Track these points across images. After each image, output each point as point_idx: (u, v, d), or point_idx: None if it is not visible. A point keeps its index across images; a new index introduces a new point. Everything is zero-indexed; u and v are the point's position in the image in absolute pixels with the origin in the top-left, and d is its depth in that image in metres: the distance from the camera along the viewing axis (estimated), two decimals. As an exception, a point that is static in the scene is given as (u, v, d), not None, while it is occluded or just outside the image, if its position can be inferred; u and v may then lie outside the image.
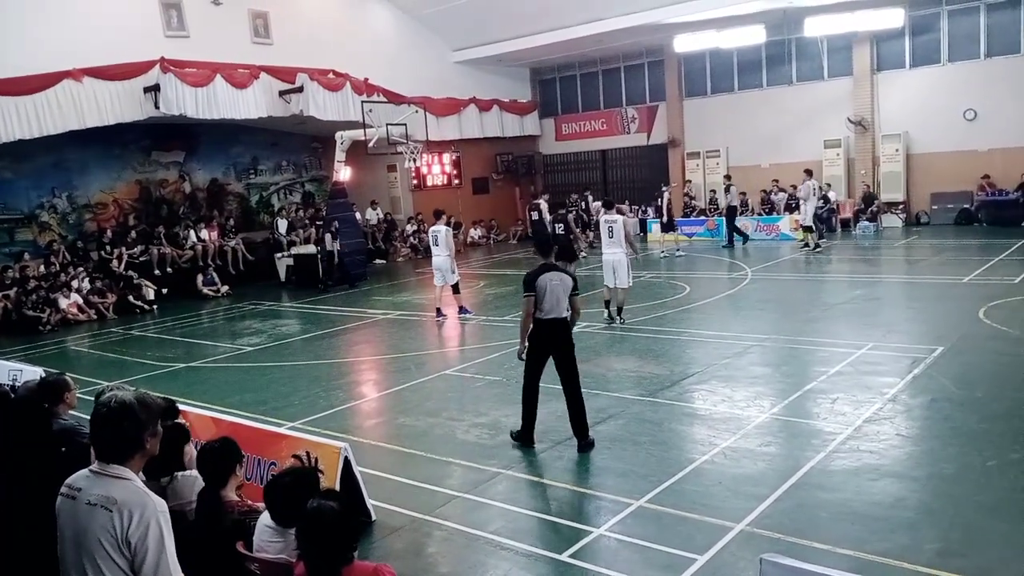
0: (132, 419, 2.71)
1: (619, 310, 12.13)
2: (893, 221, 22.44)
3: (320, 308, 16.09)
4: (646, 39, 24.70)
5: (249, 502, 4.23)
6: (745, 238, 21.39)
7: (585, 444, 6.92)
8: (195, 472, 4.34)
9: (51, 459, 4.45)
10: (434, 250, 13.91)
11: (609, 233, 12.14)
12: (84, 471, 2.78)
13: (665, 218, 20.99)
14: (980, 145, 21.28)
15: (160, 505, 2.69)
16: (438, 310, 13.69)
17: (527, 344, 7.10)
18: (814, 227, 19.16)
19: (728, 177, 22.63)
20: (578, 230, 21.77)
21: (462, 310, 13.85)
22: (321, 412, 8.68)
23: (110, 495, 2.65)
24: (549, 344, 7.02)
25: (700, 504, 5.63)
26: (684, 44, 23.63)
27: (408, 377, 10.00)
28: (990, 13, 20.94)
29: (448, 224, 14.83)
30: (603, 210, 13.37)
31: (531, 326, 7.01)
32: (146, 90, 17.59)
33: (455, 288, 13.86)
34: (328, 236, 19.40)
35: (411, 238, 24.81)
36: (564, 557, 5.06)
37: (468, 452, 7.10)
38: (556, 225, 15.88)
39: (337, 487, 5.33)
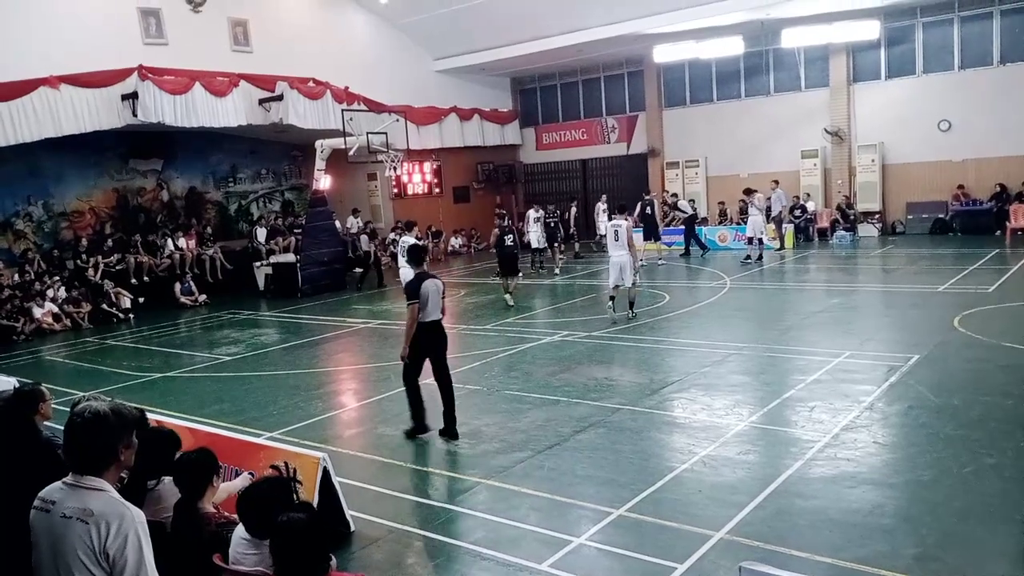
0: (106, 430, 2.67)
1: (631, 304, 12.97)
2: (869, 231, 22.69)
3: (299, 317, 16.00)
4: (626, 49, 24.88)
5: (226, 514, 4.19)
6: (692, 251, 21.59)
7: (450, 434, 7.58)
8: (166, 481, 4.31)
9: (36, 469, 4.40)
10: (400, 261, 13.26)
11: (615, 236, 12.84)
12: (58, 483, 2.74)
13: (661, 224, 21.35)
14: (954, 155, 21.59)
15: (138, 516, 2.66)
16: None
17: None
18: (758, 242, 19.04)
19: (675, 195, 23.46)
20: (554, 244, 20.69)
21: None
22: (300, 422, 8.62)
23: (86, 507, 2.61)
24: (429, 343, 7.65)
25: (680, 512, 5.65)
26: (663, 54, 23.81)
27: (388, 387, 9.94)
28: (964, 25, 21.28)
29: (419, 236, 14.42)
30: (615, 215, 13.93)
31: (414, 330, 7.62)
32: (124, 97, 17.46)
33: None
34: (365, 237, 19.30)
35: (392, 247, 24.71)
36: (544, 567, 5.05)
37: (448, 462, 7.08)
38: (506, 237, 15.57)
39: (316, 498, 5.30)
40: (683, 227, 22.28)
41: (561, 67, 27.57)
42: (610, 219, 14.47)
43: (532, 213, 20.54)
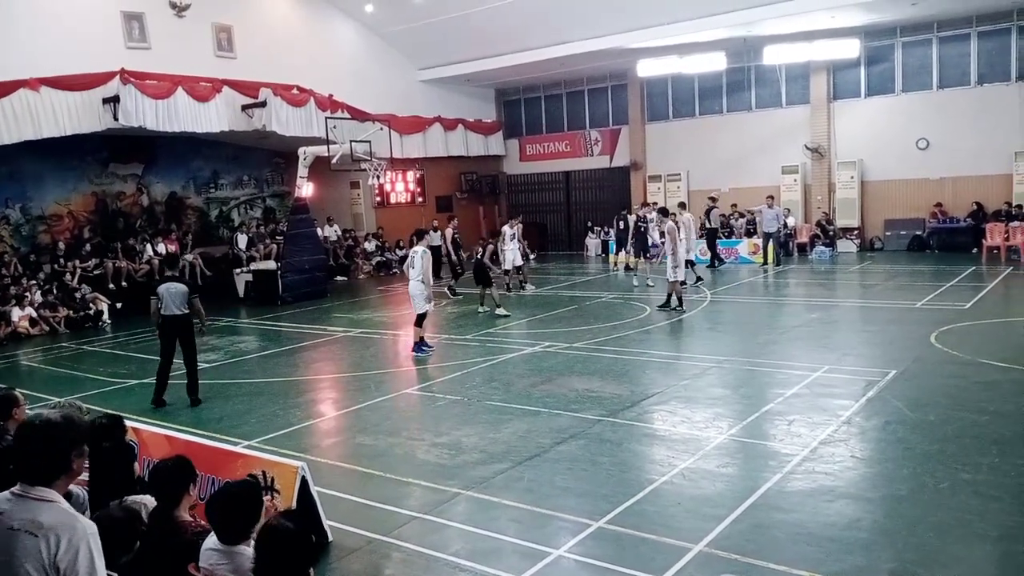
0: (57, 439, 2.61)
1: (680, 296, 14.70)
2: (848, 246, 22.93)
3: (279, 325, 15.90)
4: (610, 63, 25.04)
5: (202, 522, 4.13)
6: (720, 262, 21.35)
7: (195, 401, 9.78)
8: (145, 497, 4.24)
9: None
10: (410, 273, 12.32)
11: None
12: (5, 493, 2.67)
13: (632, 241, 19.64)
14: (932, 173, 21.90)
15: (90, 528, 2.59)
16: (422, 340, 12.36)
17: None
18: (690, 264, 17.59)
19: (713, 199, 22.05)
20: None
21: (419, 344, 12.27)
22: (278, 431, 8.55)
23: (36, 519, 2.54)
24: (173, 332, 9.76)
25: (659, 525, 5.65)
26: (647, 69, 23.98)
27: (368, 396, 9.91)
28: (942, 46, 21.63)
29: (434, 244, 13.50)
30: (662, 216, 15.40)
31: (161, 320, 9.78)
32: (105, 101, 17.29)
33: (419, 320, 12.24)
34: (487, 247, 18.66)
35: (375, 255, 24.67)
36: (523, 578, 5.03)
37: (428, 472, 7.04)
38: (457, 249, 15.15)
39: (294, 507, 5.25)
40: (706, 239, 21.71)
41: (545, 79, 27.70)
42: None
43: (507, 229, 18.58)
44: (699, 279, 18.09)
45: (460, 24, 22.62)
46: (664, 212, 15.36)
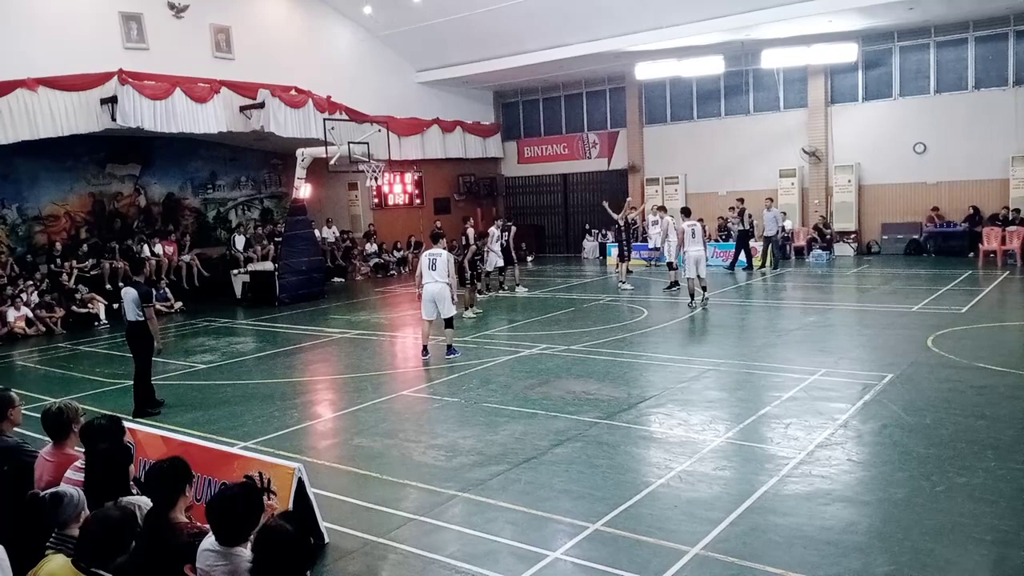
0: None
1: (704, 289, 15.13)
2: (845, 250, 22.97)
3: (276, 326, 15.88)
4: (608, 66, 25.07)
5: (198, 524, 4.13)
6: (739, 265, 21.06)
7: (138, 412, 9.29)
8: (140, 499, 4.23)
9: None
10: (430, 275, 11.80)
11: (692, 234, 15.16)
12: None
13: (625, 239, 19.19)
14: (929, 178, 21.95)
15: None
16: (424, 348, 11.96)
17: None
18: (675, 265, 17.55)
19: (741, 200, 21.70)
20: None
21: (451, 348, 12.00)
22: (275, 432, 8.54)
23: None
24: (128, 339, 9.87)
25: (655, 528, 5.65)
26: (645, 72, 24.01)
27: (365, 397, 9.90)
28: (940, 50, 21.69)
29: (449, 247, 13.17)
30: (683, 217, 15.93)
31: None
32: (103, 102, 17.28)
33: (449, 323, 12.02)
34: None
35: (374, 257, 24.64)
36: (519, 581, 5.03)
37: (424, 474, 7.04)
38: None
39: (290, 508, 5.25)
40: (736, 241, 21.52)
41: (543, 82, 27.73)
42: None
43: (494, 231, 18.42)
44: (675, 284, 17.74)
45: (458, 26, 22.63)
46: (687, 212, 16.12)
